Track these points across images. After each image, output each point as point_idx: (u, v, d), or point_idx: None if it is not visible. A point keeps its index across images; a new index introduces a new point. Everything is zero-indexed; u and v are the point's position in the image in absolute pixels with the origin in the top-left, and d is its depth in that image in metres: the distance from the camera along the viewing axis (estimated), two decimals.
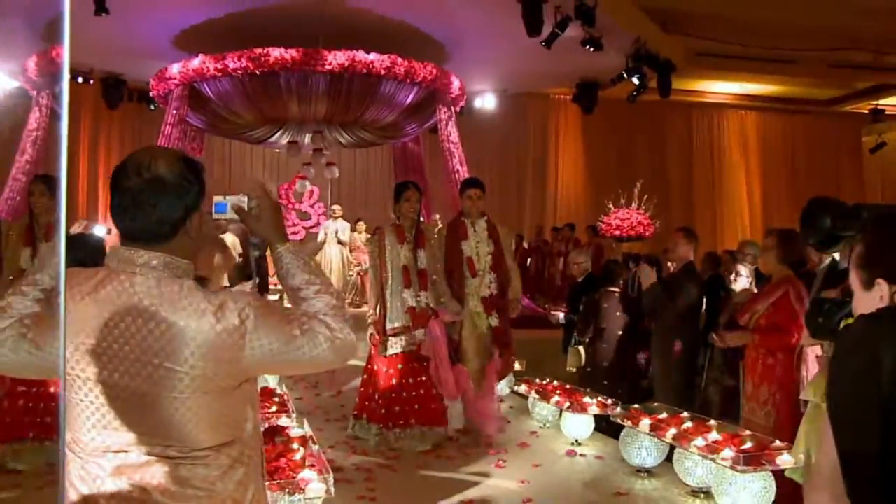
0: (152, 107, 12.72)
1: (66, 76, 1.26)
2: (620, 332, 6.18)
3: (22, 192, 11.04)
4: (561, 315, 7.24)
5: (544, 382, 5.50)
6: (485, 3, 9.07)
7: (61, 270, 1.24)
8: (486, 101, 13.92)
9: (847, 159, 17.94)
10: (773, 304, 4.28)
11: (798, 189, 17.88)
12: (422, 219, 5.23)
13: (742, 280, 5.44)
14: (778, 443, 3.68)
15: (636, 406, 4.51)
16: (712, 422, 4.09)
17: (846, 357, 1.35)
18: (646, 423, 4.17)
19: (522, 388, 5.56)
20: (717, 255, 8.32)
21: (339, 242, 11.88)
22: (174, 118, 10.75)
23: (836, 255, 4.93)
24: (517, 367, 6.03)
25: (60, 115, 1.22)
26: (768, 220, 16.87)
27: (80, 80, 12.03)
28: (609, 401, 4.89)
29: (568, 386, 5.40)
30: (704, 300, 5.63)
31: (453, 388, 4.87)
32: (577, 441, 4.89)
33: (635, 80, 11.04)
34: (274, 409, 4.31)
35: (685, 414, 4.27)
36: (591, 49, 9.64)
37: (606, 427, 4.97)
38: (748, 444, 3.65)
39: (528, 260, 13.17)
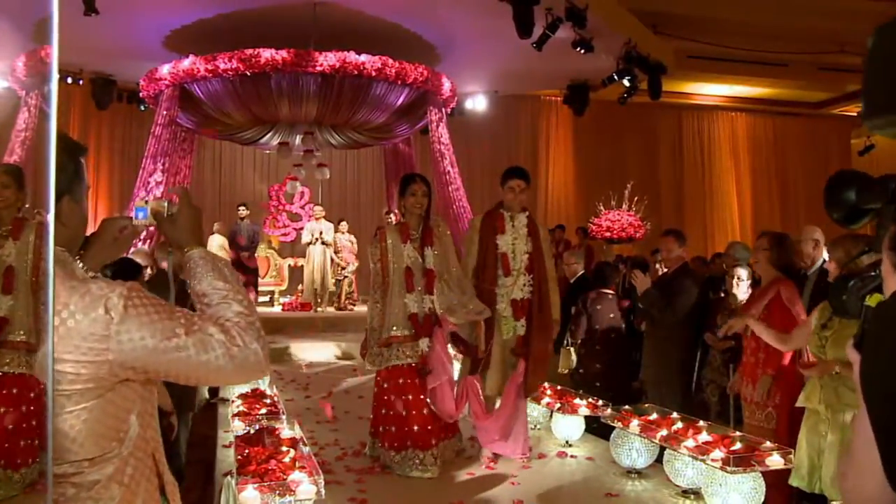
0: (142, 108, 12.68)
1: (55, 76, 1.26)
2: (614, 334, 6.19)
3: None
4: None
5: None
6: (476, 5, 9.07)
7: (50, 272, 1.23)
8: (477, 103, 13.93)
9: (836, 161, 18.04)
10: (766, 307, 4.32)
11: (787, 191, 18.00)
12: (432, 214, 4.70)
13: (744, 284, 5.44)
14: (768, 444, 3.70)
15: (627, 407, 4.52)
16: (702, 423, 4.10)
17: (883, 335, 1.31)
18: (636, 424, 4.18)
19: None
20: (706, 260, 8.36)
21: (323, 243, 11.81)
22: (164, 119, 10.72)
23: (827, 259, 4.97)
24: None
25: (49, 115, 1.21)
26: (758, 221, 16.96)
27: (69, 80, 11.97)
28: (599, 402, 4.89)
29: (559, 387, 5.39)
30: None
31: (451, 407, 4.42)
32: (567, 442, 4.89)
33: (626, 82, 11.06)
34: (264, 410, 4.30)
35: (675, 415, 4.28)
36: (582, 51, 9.66)
37: (598, 428, 4.97)
38: (738, 445, 3.66)
39: None
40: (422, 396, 4.41)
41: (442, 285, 4.53)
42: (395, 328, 4.46)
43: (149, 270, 4.94)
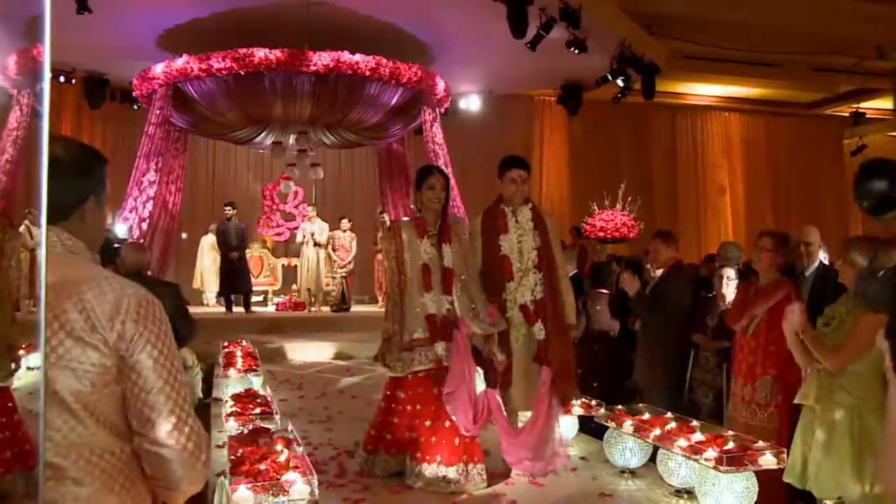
0: (135, 107, 12.65)
1: (47, 75, 1.25)
2: (612, 334, 6.19)
3: (2, 190, 11.00)
4: None
5: None
6: (470, 5, 9.08)
7: (43, 274, 1.22)
8: (471, 103, 13.94)
9: (829, 161, 18.12)
10: (772, 309, 4.31)
11: (780, 190, 18.06)
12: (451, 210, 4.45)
13: (732, 284, 5.44)
14: (760, 443, 3.71)
15: (620, 407, 4.52)
16: (695, 422, 4.11)
17: None
18: (629, 424, 4.18)
19: None
20: (697, 266, 8.36)
21: (316, 244, 11.77)
22: (158, 118, 10.70)
23: (825, 259, 4.96)
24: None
25: (41, 114, 1.21)
26: (751, 221, 17.01)
27: (61, 79, 11.92)
28: (593, 402, 4.89)
29: None
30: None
31: (469, 420, 3.92)
32: None
33: (620, 82, 11.09)
34: (258, 410, 4.29)
35: (669, 415, 4.28)
36: (576, 51, 9.68)
37: (592, 428, 4.97)
38: (731, 445, 3.67)
39: None
40: (433, 407, 4.03)
41: (459, 287, 4.14)
42: (417, 331, 4.10)
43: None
